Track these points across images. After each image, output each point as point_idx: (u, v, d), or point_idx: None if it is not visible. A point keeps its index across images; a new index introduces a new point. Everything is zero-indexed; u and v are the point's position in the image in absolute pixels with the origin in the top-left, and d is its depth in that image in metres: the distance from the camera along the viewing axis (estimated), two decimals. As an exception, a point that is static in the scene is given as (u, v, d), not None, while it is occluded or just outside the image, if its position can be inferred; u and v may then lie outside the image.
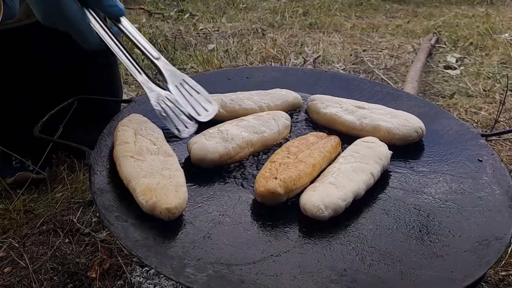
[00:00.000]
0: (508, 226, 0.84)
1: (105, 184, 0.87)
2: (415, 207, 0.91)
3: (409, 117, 1.08)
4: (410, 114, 1.10)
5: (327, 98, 1.15)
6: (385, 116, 1.09)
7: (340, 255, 0.79)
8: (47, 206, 1.42)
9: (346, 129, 1.10)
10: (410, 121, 1.07)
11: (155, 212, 0.80)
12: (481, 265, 0.76)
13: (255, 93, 1.15)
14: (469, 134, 1.09)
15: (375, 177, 0.96)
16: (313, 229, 0.86)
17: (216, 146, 0.95)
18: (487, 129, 2.00)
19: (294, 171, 0.92)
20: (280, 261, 0.77)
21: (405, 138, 1.05)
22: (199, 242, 0.79)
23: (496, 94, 2.43)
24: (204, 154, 0.94)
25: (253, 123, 1.04)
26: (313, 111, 1.14)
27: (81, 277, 1.19)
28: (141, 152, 0.90)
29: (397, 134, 1.05)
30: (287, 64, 2.62)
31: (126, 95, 2.11)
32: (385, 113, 1.10)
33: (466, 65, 2.77)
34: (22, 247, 1.26)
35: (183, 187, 0.85)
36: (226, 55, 2.63)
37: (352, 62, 2.74)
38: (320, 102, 1.14)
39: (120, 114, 1.05)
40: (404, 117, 1.08)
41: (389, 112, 1.11)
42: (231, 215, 0.87)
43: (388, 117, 1.09)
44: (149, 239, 0.77)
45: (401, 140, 1.05)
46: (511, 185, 0.93)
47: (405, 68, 2.66)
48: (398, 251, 0.81)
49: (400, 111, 1.12)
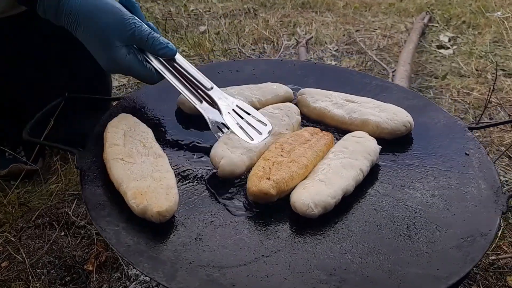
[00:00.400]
0: (493, 221, 0.86)
1: (96, 187, 0.87)
2: (403, 203, 0.93)
3: (397, 111, 1.09)
4: (399, 108, 1.10)
5: (316, 91, 1.15)
6: (374, 110, 1.10)
7: (330, 254, 0.81)
8: (41, 199, 1.43)
9: (335, 123, 1.11)
10: (398, 115, 1.07)
11: (146, 215, 0.81)
12: (466, 262, 0.79)
13: (246, 88, 1.15)
14: (456, 127, 1.10)
15: (364, 172, 0.97)
16: (304, 226, 0.88)
17: (242, 159, 0.95)
18: (476, 117, 2.00)
19: (287, 172, 0.92)
20: (270, 261, 0.79)
21: (393, 132, 1.06)
22: (191, 244, 0.81)
23: (488, 74, 2.43)
24: (233, 169, 0.93)
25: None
26: (303, 105, 1.14)
27: (78, 270, 1.22)
28: (131, 154, 0.90)
29: (385, 128, 1.06)
30: (279, 45, 2.60)
31: (117, 81, 2.09)
32: (374, 107, 1.11)
33: (459, 44, 2.75)
34: (18, 241, 1.27)
35: (173, 189, 0.86)
36: (218, 38, 2.60)
37: (345, 42, 2.71)
38: (310, 96, 1.14)
39: (109, 112, 1.05)
40: (393, 111, 1.09)
41: (378, 106, 1.11)
42: (222, 214, 0.89)
43: (377, 110, 1.09)
44: (141, 244, 0.78)
45: (390, 134, 1.06)
46: (496, 179, 0.95)
47: (398, 48, 2.64)
48: (386, 248, 0.83)
49: (389, 104, 1.12)
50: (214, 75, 1.24)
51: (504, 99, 2.20)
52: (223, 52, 2.45)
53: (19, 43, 1.45)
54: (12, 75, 1.48)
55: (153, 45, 1.00)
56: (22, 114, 1.55)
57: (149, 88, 1.14)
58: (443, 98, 2.18)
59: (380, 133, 1.06)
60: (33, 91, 1.52)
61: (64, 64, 1.54)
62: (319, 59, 2.51)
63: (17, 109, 1.54)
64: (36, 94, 1.53)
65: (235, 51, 2.48)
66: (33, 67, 1.49)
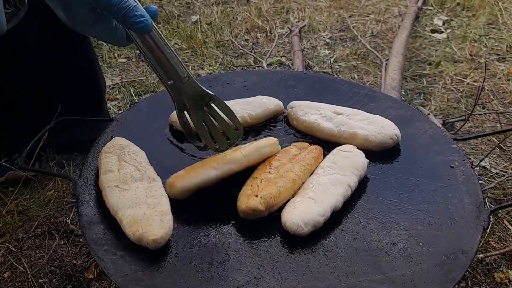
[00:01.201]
0: (474, 239, 0.89)
1: (93, 215, 0.91)
2: (389, 218, 0.96)
3: (385, 124, 1.11)
4: (386, 121, 1.12)
5: (306, 104, 1.17)
6: (362, 122, 1.12)
7: (318, 275, 0.85)
8: (40, 206, 1.46)
9: (324, 136, 1.13)
10: (386, 128, 1.10)
11: (142, 243, 0.85)
12: (447, 281, 0.83)
13: (236, 103, 1.16)
14: (442, 138, 1.12)
15: (352, 188, 1.01)
16: (294, 244, 0.91)
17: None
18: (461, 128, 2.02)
19: (274, 188, 0.96)
20: (262, 284, 0.83)
21: (381, 144, 1.09)
22: (185, 269, 0.84)
23: (481, 59, 2.43)
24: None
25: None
26: (292, 118, 1.16)
27: (79, 278, 1.26)
28: (126, 181, 0.93)
29: (373, 142, 1.09)
30: (272, 35, 2.59)
31: (109, 79, 2.09)
32: (362, 119, 1.13)
33: (453, 27, 2.74)
34: (19, 251, 1.31)
35: (168, 215, 0.89)
36: (210, 28, 2.58)
37: (339, 29, 2.70)
38: (300, 109, 1.16)
39: (103, 136, 1.07)
40: (380, 124, 1.11)
41: (366, 118, 1.13)
42: (215, 235, 0.92)
43: (365, 123, 1.11)
44: (138, 272, 0.82)
45: (377, 146, 1.09)
46: (479, 194, 0.98)
47: (391, 34, 2.63)
48: (373, 267, 0.86)
49: (377, 116, 1.14)
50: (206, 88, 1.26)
51: (497, 86, 2.21)
52: (216, 44, 2.44)
53: (13, 55, 1.45)
54: (6, 86, 1.49)
55: (125, 16, 0.80)
56: (17, 122, 1.57)
57: (141, 106, 1.16)
58: (436, 87, 2.19)
59: (368, 145, 1.09)
60: (27, 96, 1.53)
61: (56, 73, 1.54)
62: (313, 48, 2.51)
63: (12, 116, 1.55)
64: (30, 98, 1.54)
65: (228, 42, 2.47)
66: (26, 77, 1.50)
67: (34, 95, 1.54)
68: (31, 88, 1.52)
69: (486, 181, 1.62)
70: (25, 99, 1.54)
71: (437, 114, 1.98)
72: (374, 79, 2.22)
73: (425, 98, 2.11)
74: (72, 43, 1.48)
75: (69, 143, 1.59)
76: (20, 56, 1.45)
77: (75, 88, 1.56)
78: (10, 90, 1.51)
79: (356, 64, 2.35)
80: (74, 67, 1.55)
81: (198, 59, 2.32)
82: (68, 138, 1.57)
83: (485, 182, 1.61)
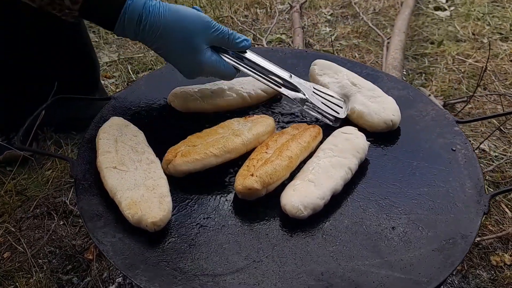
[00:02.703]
0: (474, 223, 0.89)
1: (91, 196, 0.90)
2: (390, 201, 0.96)
3: (389, 107, 1.09)
4: (393, 104, 1.11)
5: (329, 65, 1.20)
6: (369, 99, 1.11)
7: (317, 258, 0.85)
8: (38, 186, 1.46)
9: None
10: (386, 111, 1.08)
11: (141, 225, 0.84)
12: (446, 266, 0.83)
13: (236, 82, 1.14)
14: (444, 120, 1.11)
15: (352, 171, 1.00)
16: (293, 227, 0.91)
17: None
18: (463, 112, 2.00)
19: (270, 166, 0.95)
20: (261, 267, 0.83)
21: (373, 126, 1.08)
22: (185, 252, 0.84)
23: (484, 38, 2.40)
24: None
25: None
26: (311, 76, 1.21)
27: (78, 259, 1.27)
28: (124, 162, 0.92)
29: (367, 121, 1.08)
30: (272, 10, 2.54)
31: (107, 56, 2.06)
32: (370, 96, 1.12)
33: (457, 5, 2.69)
34: (18, 231, 1.31)
35: (167, 197, 0.88)
36: (209, 3, 2.53)
37: (340, 5, 2.65)
38: (319, 69, 1.20)
39: (100, 115, 1.05)
40: (384, 105, 1.10)
41: (376, 96, 1.13)
42: (215, 217, 0.92)
43: (372, 100, 1.11)
44: (137, 255, 0.82)
45: (370, 127, 1.08)
46: (481, 177, 0.97)
47: (394, 10, 2.59)
48: (372, 251, 0.86)
49: (390, 98, 1.13)
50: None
51: (499, 67, 2.19)
52: (215, 19, 2.38)
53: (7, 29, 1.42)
54: (1, 64, 1.47)
55: (233, 40, 1.05)
56: (13, 101, 1.55)
57: (139, 85, 1.14)
58: (438, 67, 2.17)
59: (362, 124, 1.09)
60: (21, 74, 1.51)
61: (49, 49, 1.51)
62: (313, 25, 2.46)
63: (8, 95, 1.53)
64: (25, 79, 1.52)
65: (227, 18, 2.42)
66: (20, 54, 1.47)
67: (29, 73, 1.52)
68: (26, 66, 1.50)
69: (485, 164, 1.62)
70: (21, 77, 1.52)
71: (437, 95, 1.96)
72: (375, 58, 2.19)
73: (426, 79, 2.09)
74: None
75: (66, 121, 1.58)
76: (14, 30, 1.42)
77: (68, 64, 1.54)
78: (5, 69, 1.49)
79: (357, 42, 2.31)
80: (66, 43, 1.53)
81: (196, 36, 2.27)
82: (65, 115, 1.55)
83: (484, 165, 1.61)
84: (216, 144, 0.97)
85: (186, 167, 0.95)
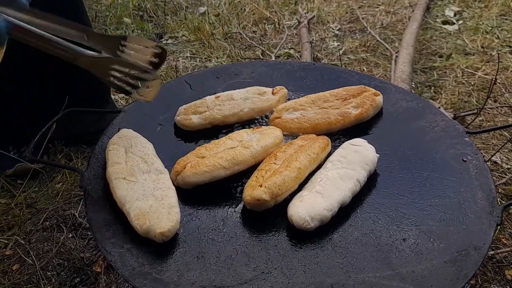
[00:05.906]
0: (487, 235, 0.88)
1: (100, 207, 0.90)
2: (400, 213, 0.94)
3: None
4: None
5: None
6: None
7: (327, 270, 0.84)
8: (48, 199, 1.46)
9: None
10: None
11: (149, 235, 0.84)
12: (459, 278, 0.81)
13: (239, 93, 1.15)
14: (454, 131, 1.10)
15: (361, 183, 0.99)
16: (302, 238, 0.90)
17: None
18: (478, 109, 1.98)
19: (279, 177, 0.95)
20: (270, 279, 0.82)
21: None
22: (193, 263, 0.84)
23: (493, 51, 2.39)
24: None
25: None
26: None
27: (87, 271, 1.26)
28: (133, 172, 0.92)
29: None
30: (280, 26, 2.56)
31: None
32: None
33: (465, 18, 2.69)
34: (27, 244, 1.32)
35: (175, 208, 0.88)
36: (218, 20, 2.56)
37: (348, 21, 2.66)
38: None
39: (110, 127, 1.06)
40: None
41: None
42: (223, 228, 0.91)
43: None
44: (145, 265, 0.81)
45: None
46: (492, 188, 0.96)
47: (402, 25, 2.59)
48: (382, 263, 0.85)
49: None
50: (213, 80, 1.24)
51: (509, 79, 2.17)
52: (224, 35, 2.42)
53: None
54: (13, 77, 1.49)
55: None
56: (24, 114, 1.57)
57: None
58: (447, 80, 2.16)
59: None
60: (33, 92, 1.53)
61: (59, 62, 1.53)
62: (321, 40, 2.48)
63: (19, 109, 1.55)
64: (36, 93, 1.54)
65: (236, 34, 2.45)
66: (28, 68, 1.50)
67: (41, 88, 1.54)
68: (37, 80, 1.52)
69: (497, 177, 1.59)
70: (32, 92, 1.54)
71: (447, 108, 1.95)
72: (383, 72, 2.19)
73: (436, 92, 2.08)
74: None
75: (76, 135, 1.59)
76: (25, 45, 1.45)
77: (79, 79, 1.56)
78: (16, 83, 1.51)
79: (365, 56, 2.32)
80: None
81: (205, 51, 2.30)
82: (76, 129, 1.57)
83: (496, 177, 1.59)
84: (225, 156, 0.97)
85: (195, 179, 0.96)
